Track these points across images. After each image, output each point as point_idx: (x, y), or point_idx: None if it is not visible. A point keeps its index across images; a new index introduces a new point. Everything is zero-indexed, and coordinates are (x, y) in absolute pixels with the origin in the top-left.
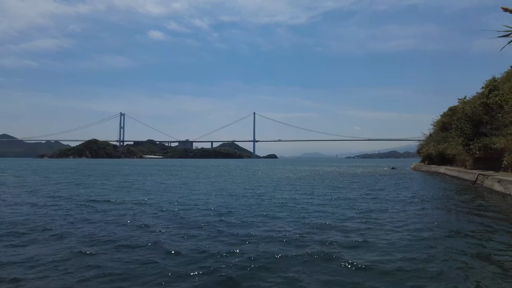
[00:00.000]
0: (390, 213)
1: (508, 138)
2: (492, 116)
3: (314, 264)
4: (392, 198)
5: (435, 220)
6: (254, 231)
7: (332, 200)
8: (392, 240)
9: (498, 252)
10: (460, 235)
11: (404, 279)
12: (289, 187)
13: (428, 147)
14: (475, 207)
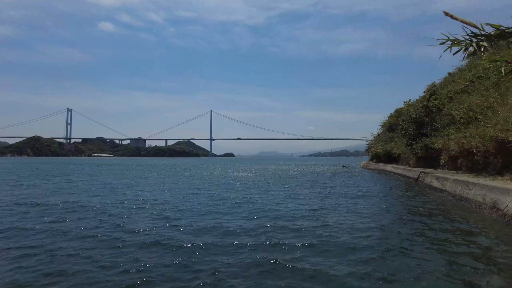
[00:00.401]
0: (340, 211)
1: (445, 138)
2: (432, 118)
3: (262, 268)
4: (343, 195)
5: (382, 216)
6: (203, 236)
7: (285, 198)
8: (341, 239)
9: (443, 248)
10: (404, 230)
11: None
12: (243, 186)
13: (376, 146)
14: (418, 202)
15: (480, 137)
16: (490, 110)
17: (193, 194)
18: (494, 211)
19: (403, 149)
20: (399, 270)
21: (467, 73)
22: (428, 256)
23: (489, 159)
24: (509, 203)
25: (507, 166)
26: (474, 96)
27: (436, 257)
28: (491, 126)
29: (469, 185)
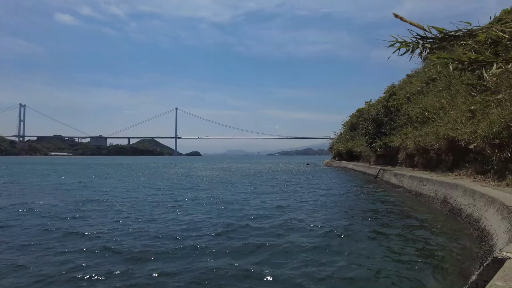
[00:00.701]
0: (301, 209)
1: (402, 137)
2: (390, 118)
3: (221, 272)
4: (306, 193)
5: (341, 214)
6: (156, 240)
7: (249, 197)
8: (302, 237)
9: (397, 242)
10: (362, 225)
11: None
12: (206, 185)
13: (339, 145)
14: (377, 198)
15: (434, 135)
16: (443, 111)
17: (153, 195)
18: (444, 205)
19: (363, 148)
20: (353, 265)
21: (423, 75)
22: (381, 250)
23: (441, 157)
24: (457, 198)
25: (457, 163)
26: (429, 97)
27: (388, 250)
28: (443, 126)
29: (423, 181)
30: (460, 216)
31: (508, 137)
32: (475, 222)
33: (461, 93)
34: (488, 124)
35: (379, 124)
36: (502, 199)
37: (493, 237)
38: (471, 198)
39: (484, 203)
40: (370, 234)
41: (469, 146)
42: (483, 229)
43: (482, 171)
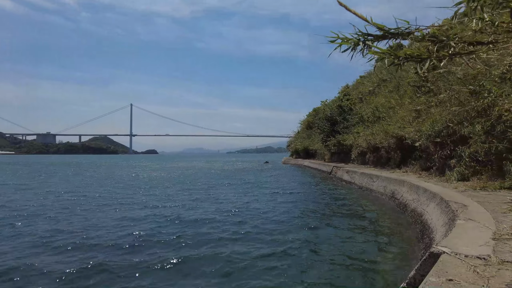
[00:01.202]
0: (257, 207)
1: (355, 136)
2: (344, 117)
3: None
4: (262, 192)
5: (295, 210)
6: (87, 252)
7: (203, 197)
8: (256, 235)
9: (347, 236)
10: (315, 221)
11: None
12: (158, 186)
13: (296, 143)
14: (329, 195)
15: (384, 134)
16: (392, 110)
17: (92, 199)
18: (392, 200)
19: (319, 146)
20: (300, 263)
21: (374, 76)
22: (328, 247)
23: (390, 154)
24: (403, 193)
25: (404, 160)
26: (379, 98)
27: (335, 247)
28: (392, 124)
29: (373, 178)
30: (406, 210)
31: (448, 136)
32: (418, 216)
33: (408, 93)
34: (431, 124)
35: (333, 123)
36: (442, 194)
37: (433, 230)
38: (415, 194)
39: (426, 198)
40: (318, 231)
41: (415, 144)
42: (425, 223)
43: (426, 168)
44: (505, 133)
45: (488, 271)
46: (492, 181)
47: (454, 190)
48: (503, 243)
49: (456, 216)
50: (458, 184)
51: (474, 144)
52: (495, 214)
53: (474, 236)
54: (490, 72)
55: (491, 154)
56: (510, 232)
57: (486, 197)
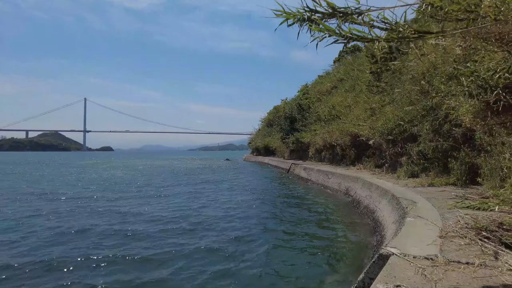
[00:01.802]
0: (213, 207)
1: (312, 133)
2: (302, 115)
3: None
4: (219, 190)
5: (252, 209)
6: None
7: (155, 199)
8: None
9: (300, 233)
10: (270, 219)
11: None
12: (107, 185)
13: (256, 140)
14: (286, 192)
15: (339, 132)
16: (348, 109)
17: (26, 203)
18: (346, 196)
19: (279, 143)
20: (250, 262)
21: (332, 76)
22: (283, 246)
23: (346, 152)
24: (357, 190)
25: (359, 157)
26: (336, 96)
27: (289, 246)
28: (348, 123)
29: (329, 175)
30: (360, 207)
31: (399, 134)
32: (371, 213)
33: (363, 92)
34: (384, 122)
35: (292, 120)
36: (393, 191)
37: (384, 227)
38: (368, 190)
39: (378, 195)
40: (273, 230)
41: (369, 141)
42: (377, 219)
43: (379, 165)
44: (450, 132)
45: (435, 273)
46: (439, 177)
47: (405, 186)
48: (449, 241)
49: (406, 213)
50: (408, 180)
51: (423, 142)
52: (442, 211)
53: (422, 234)
54: (438, 70)
55: (438, 151)
56: (455, 229)
57: (434, 193)
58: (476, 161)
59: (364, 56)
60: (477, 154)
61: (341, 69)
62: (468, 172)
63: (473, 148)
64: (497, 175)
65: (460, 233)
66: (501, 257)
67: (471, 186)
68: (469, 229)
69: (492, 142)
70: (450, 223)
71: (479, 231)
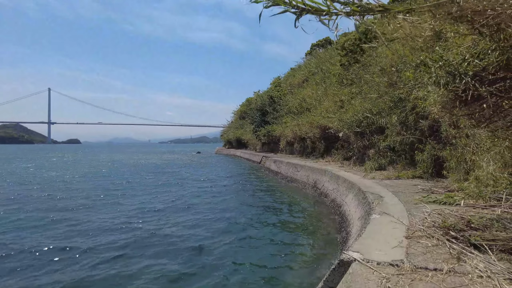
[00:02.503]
0: (178, 205)
1: (283, 126)
2: (274, 108)
3: None
4: (186, 185)
5: (218, 205)
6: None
7: (116, 198)
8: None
9: (266, 229)
10: (238, 216)
11: None
12: (64, 183)
13: (228, 133)
14: (256, 186)
15: (309, 124)
16: (318, 101)
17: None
18: (314, 189)
19: (251, 136)
20: (211, 262)
21: (304, 69)
22: (246, 244)
23: (315, 144)
24: (325, 183)
25: (328, 149)
26: (307, 89)
27: (251, 245)
28: (317, 115)
29: (298, 167)
30: (327, 200)
31: (367, 126)
32: (338, 207)
33: (333, 84)
34: (352, 114)
35: (263, 113)
36: (360, 184)
37: (350, 223)
38: (335, 183)
39: (345, 188)
40: (239, 227)
41: (338, 134)
42: (343, 214)
43: (348, 157)
44: (417, 124)
45: (400, 284)
46: (406, 170)
47: (372, 180)
48: (416, 242)
49: (371, 209)
50: (376, 173)
51: (390, 135)
52: (408, 206)
53: (388, 234)
54: (406, 58)
55: (405, 144)
56: (422, 227)
57: (401, 187)
58: (441, 153)
59: (335, 48)
60: (443, 147)
61: (313, 62)
62: (434, 165)
63: (439, 141)
64: (461, 168)
65: (427, 233)
66: (471, 261)
67: (437, 179)
68: (437, 228)
69: (457, 135)
70: (417, 221)
71: (447, 231)
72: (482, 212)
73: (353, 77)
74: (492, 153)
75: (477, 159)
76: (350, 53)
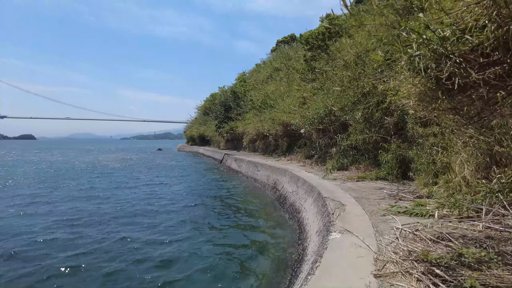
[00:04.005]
0: (128, 208)
1: (245, 123)
2: (237, 104)
3: None
4: (138, 190)
5: (171, 209)
6: None
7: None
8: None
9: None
10: (191, 221)
11: None
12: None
13: (192, 129)
14: (211, 187)
15: (271, 121)
16: (281, 97)
17: None
18: (274, 191)
19: (214, 132)
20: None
21: (269, 65)
22: (195, 254)
23: (278, 142)
24: (284, 184)
25: (290, 147)
26: (271, 85)
27: (199, 254)
28: (279, 112)
29: (258, 166)
30: (286, 204)
31: (330, 123)
32: (296, 213)
33: (296, 81)
34: (314, 110)
35: (227, 109)
36: (320, 187)
37: (307, 235)
38: (295, 185)
39: (305, 191)
40: (186, 238)
41: (300, 131)
42: (301, 222)
43: (310, 156)
44: (382, 121)
45: None
46: (369, 170)
47: (333, 181)
48: (388, 285)
49: (331, 222)
50: (338, 173)
51: (353, 132)
52: (374, 219)
53: (351, 267)
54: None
55: (368, 143)
56: (395, 258)
57: (364, 191)
58: (407, 153)
59: (299, 42)
60: (408, 146)
61: (277, 58)
62: (400, 165)
63: (405, 139)
64: (429, 170)
65: (402, 267)
66: None
67: (403, 181)
68: (415, 262)
69: (423, 133)
70: (388, 245)
71: (429, 268)
72: (460, 227)
73: (316, 72)
74: (463, 155)
75: (446, 161)
76: (314, 48)
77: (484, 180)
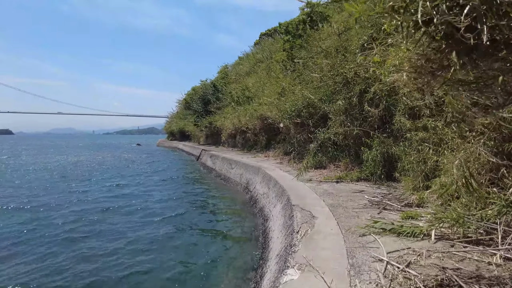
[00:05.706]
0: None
1: (225, 117)
2: (217, 97)
3: None
4: (101, 189)
5: (136, 211)
6: None
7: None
8: None
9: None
10: (157, 226)
11: None
12: None
13: (171, 124)
14: (182, 189)
15: (249, 115)
16: (261, 90)
17: None
18: (246, 192)
19: (193, 127)
20: None
21: (251, 57)
22: (157, 265)
23: (257, 137)
24: (256, 184)
25: (269, 143)
26: (251, 77)
27: (162, 264)
28: (258, 105)
29: (232, 164)
30: (256, 208)
31: (309, 116)
32: (264, 221)
33: (276, 72)
34: (292, 102)
35: (206, 102)
36: (291, 191)
37: (270, 255)
38: (266, 187)
39: (275, 195)
40: (146, 246)
41: (279, 125)
42: (267, 234)
43: (288, 152)
44: (365, 113)
45: None
46: (350, 169)
47: (308, 183)
48: None
49: (292, 247)
50: (314, 173)
51: (332, 126)
52: (350, 241)
53: None
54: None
55: (349, 138)
56: None
57: (341, 195)
58: (392, 150)
59: (279, 33)
60: (394, 142)
61: (260, 51)
62: (384, 164)
63: (390, 134)
64: (419, 170)
65: None
66: None
67: (388, 182)
68: None
69: (412, 127)
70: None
71: None
72: (469, 257)
73: (296, 63)
74: (462, 153)
75: (440, 159)
76: (294, 37)
77: (492, 186)
